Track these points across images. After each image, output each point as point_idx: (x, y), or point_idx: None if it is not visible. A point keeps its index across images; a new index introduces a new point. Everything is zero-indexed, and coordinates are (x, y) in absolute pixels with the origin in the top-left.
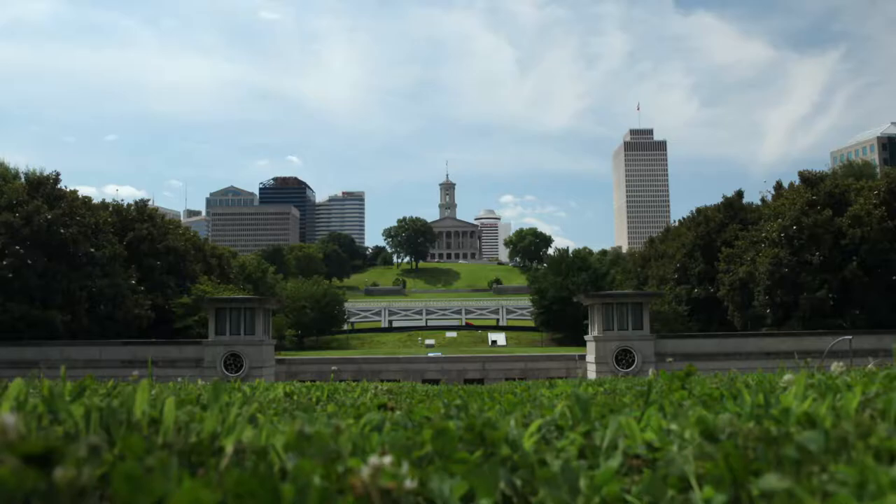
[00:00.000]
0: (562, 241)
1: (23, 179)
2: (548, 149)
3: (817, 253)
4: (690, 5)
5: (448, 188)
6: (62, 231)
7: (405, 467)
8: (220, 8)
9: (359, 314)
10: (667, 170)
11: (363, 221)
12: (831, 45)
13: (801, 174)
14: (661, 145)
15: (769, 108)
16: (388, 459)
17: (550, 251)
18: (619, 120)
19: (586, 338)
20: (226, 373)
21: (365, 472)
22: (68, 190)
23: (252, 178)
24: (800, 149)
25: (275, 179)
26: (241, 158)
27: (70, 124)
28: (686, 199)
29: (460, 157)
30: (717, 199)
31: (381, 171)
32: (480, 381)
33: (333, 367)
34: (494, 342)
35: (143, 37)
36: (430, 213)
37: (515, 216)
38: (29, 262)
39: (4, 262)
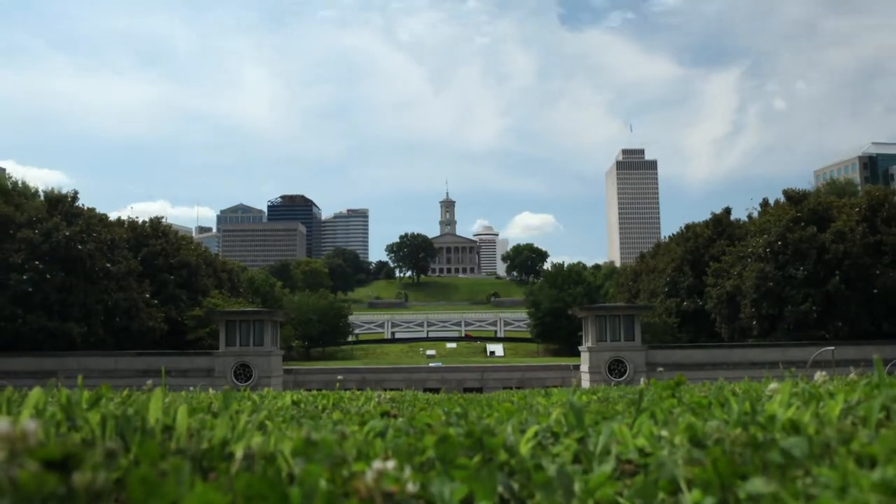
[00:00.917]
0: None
1: (42, 198)
2: (482, 167)
3: (801, 267)
4: (576, 23)
5: (448, 206)
6: (80, 247)
7: (407, 471)
8: (125, 30)
9: (363, 326)
10: (657, 188)
11: (367, 237)
12: (733, 62)
13: (785, 192)
14: (652, 164)
15: (689, 126)
16: (391, 464)
17: (546, 266)
18: (547, 138)
19: (580, 348)
20: (236, 382)
21: (369, 476)
22: (85, 208)
23: (261, 195)
24: (730, 166)
25: (282, 197)
26: (184, 180)
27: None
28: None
29: (389, 175)
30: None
31: (322, 190)
32: (479, 390)
33: (339, 377)
34: (492, 353)
35: (53, 59)
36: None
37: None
38: (48, 276)
39: (25, 277)
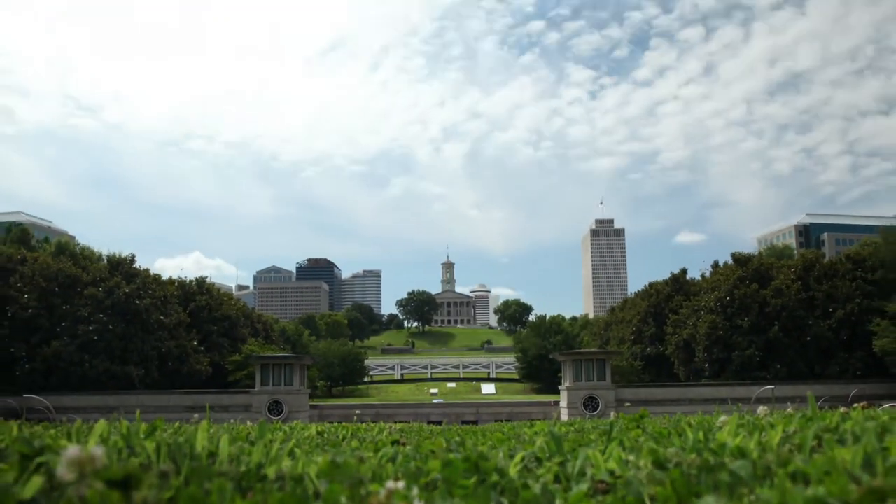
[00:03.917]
0: None
1: (105, 261)
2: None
3: (746, 319)
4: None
5: (448, 267)
6: (137, 302)
7: (415, 490)
8: None
9: (376, 369)
10: (625, 251)
11: (380, 293)
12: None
13: (733, 255)
14: (621, 232)
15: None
16: (401, 484)
17: (531, 317)
18: (357, 215)
19: (560, 387)
20: (269, 416)
21: (382, 494)
22: (142, 269)
23: (290, 258)
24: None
25: (308, 260)
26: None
27: None
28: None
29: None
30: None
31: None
32: (475, 422)
33: (356, 412)
34: (486, 391)
35: None
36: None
37: None
38: (110, 327)
39: (91, 328)
